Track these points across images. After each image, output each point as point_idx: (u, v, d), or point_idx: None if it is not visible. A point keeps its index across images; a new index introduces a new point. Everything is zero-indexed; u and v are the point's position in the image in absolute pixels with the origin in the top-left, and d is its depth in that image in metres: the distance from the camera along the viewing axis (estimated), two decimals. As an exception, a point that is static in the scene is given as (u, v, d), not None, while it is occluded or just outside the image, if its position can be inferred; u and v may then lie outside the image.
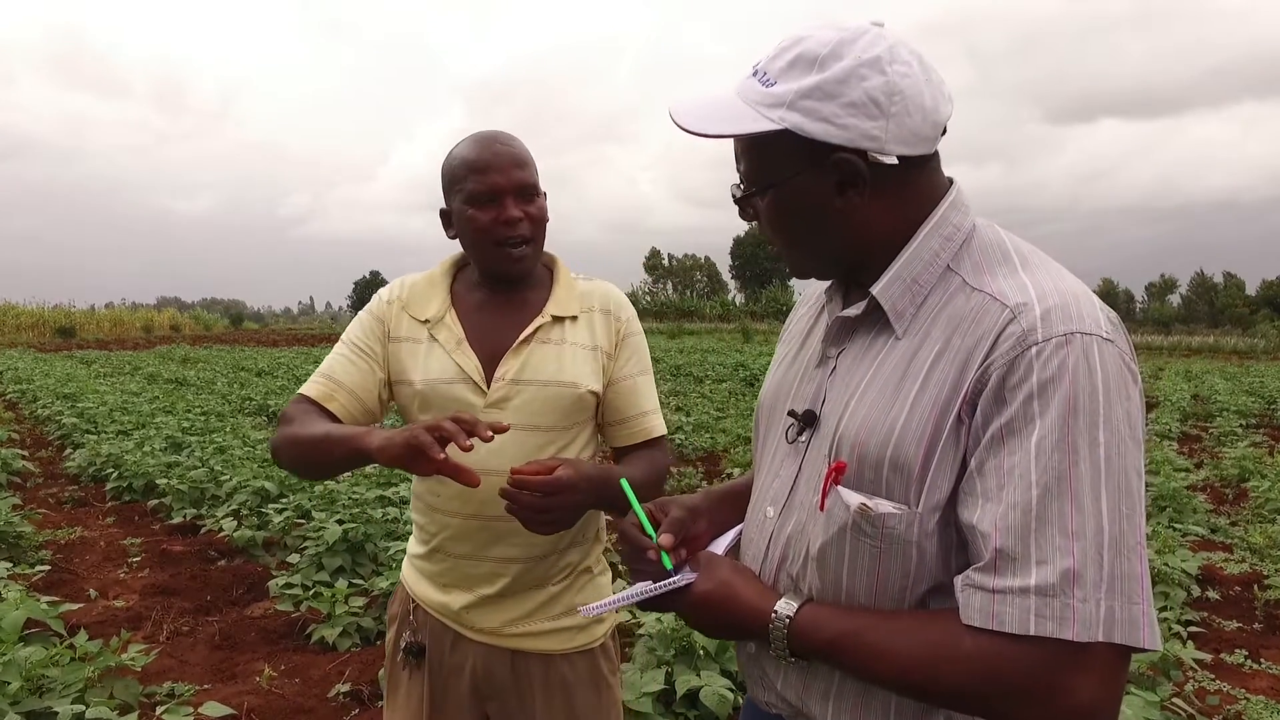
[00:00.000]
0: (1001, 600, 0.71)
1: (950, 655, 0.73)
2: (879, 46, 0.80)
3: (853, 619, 0.80)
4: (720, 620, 0.87)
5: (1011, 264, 0.82)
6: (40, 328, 33.55)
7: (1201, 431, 9.52)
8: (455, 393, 1.31)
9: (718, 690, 2.46)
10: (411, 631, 1.40)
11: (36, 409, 9.56)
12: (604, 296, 1.39)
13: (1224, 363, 24.13)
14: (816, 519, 0.85)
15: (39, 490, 5.94)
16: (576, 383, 1.31)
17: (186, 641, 3.36)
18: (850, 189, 0.82)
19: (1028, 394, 0.72)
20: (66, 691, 2.36)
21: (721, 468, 6.60)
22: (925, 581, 0.79)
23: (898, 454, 0.78)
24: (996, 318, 0.76)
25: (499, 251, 1.30)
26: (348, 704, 2.85)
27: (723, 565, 0.89)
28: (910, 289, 0.83)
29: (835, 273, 0.92)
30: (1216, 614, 3.81)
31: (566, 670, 1.37)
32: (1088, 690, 0.69)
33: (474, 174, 1.28)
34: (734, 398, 11.26)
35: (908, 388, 0.80)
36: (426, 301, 1.36)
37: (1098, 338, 0.73)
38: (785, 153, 0.82)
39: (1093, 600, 0.68)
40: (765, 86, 0.82)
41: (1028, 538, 0.70)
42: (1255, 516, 5.41)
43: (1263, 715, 2.79)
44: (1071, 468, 0.70)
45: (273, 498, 4.91)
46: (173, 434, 7.02)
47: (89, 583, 4.00)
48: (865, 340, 0.87)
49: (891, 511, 0.78)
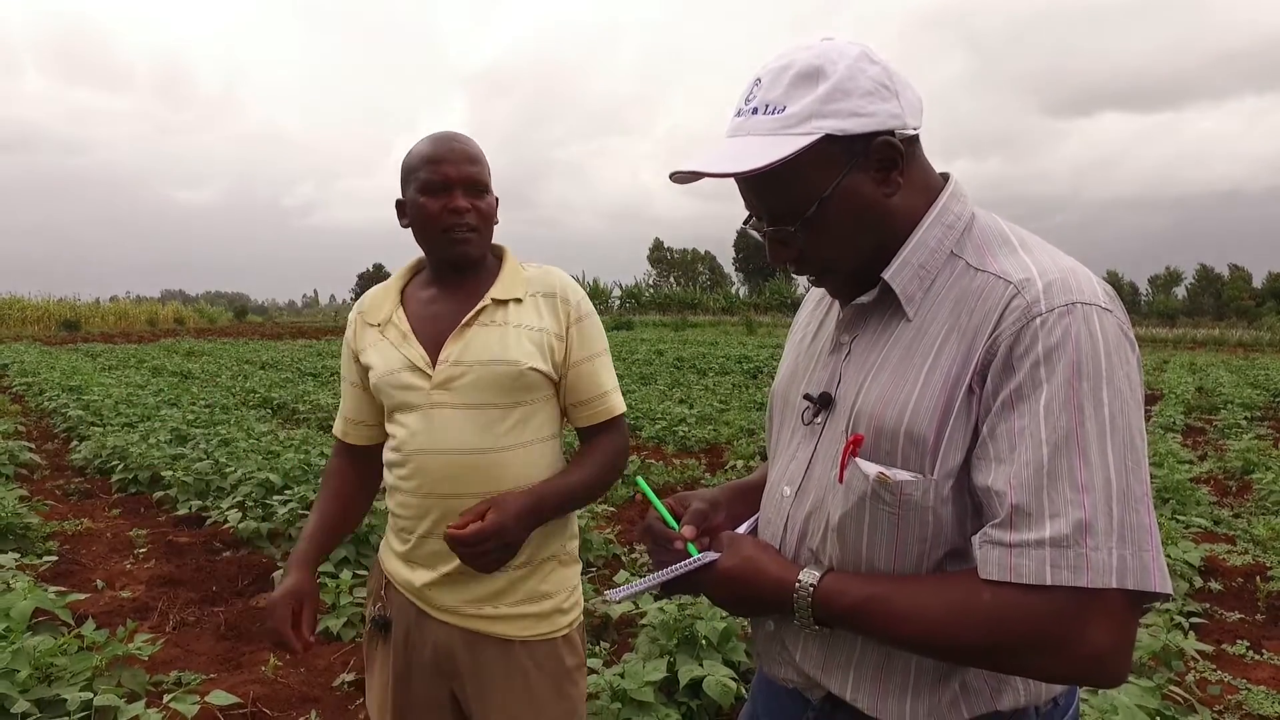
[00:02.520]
0: (1018, 553, 0.74)
1: (971, 610, 0.76)
2: (854, 47, 0.85)
3: (875, 584, 0.83)
4: (745, 594, 0.89)
5: (1011, 246, 0.86)
6: (46, 321, 33.66)
7: (1206, 424, 9.50)
8: (403, 380, 1.38)
9: (720, 679, 2.48)
10: (381, 606, 1.46)
11: (43, 402, 9.60)
12: (549, 282, 1.43)
13: (1229, 355, 24.06)
14: (835, 492, 0.88)
15: (45, 482, 5.97)
16: (519, 360, 1.35)
17: (192, 631, 3.38)
18: (893, 170, 0.85)
19: (1034, 361, 0.76)
20: (75, 680, 2.38)
21: (724, 460, 6.61)
22: (942, 547, 0.83)
23: (913, 425, 0.82)
24: (1001, 293, 0.81)
25: (445, 237, 1.37)
26: (352, 693, 2.88)
27: (746, 542, 0.93)
28: (919, 274, 0.87)
29: (872, 273, 0.90)
30: (1219, 605, 3.81)
31: (525, 657, 1.38)
32: (1102, 636, 0.73)
33: (428, 165, 1.36)
34: (737, 390, 11.27)
35: (920, 364, 0.84)
36: (379, 307, 1.46)
37: (1097, 307, 0.78)
38: (825, 163, 0.84)
39: (1104, 549, 0.72)
40: (776, 114, 0.84)
41: (1040, 493, 0.74)
42: (1259, 509, 5.40)
43: (1264, 705, 2.80)
44: (1078, 426, 0.74)
45: (277, 489, 4.93)
46: (178, 426, 7.05)
47: (96, 573, 4.03)
48: (878, 324, 0.90)
49: (908, 479, 0.82)
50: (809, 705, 0.95)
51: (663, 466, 6.17)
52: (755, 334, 29.05)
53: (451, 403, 1.35)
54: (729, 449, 7.03)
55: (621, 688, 2.40)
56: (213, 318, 43.50)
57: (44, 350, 19.21)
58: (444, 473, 1.34)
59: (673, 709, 2.48)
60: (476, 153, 1.39)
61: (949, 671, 0.85)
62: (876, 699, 0.87)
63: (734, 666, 2.65)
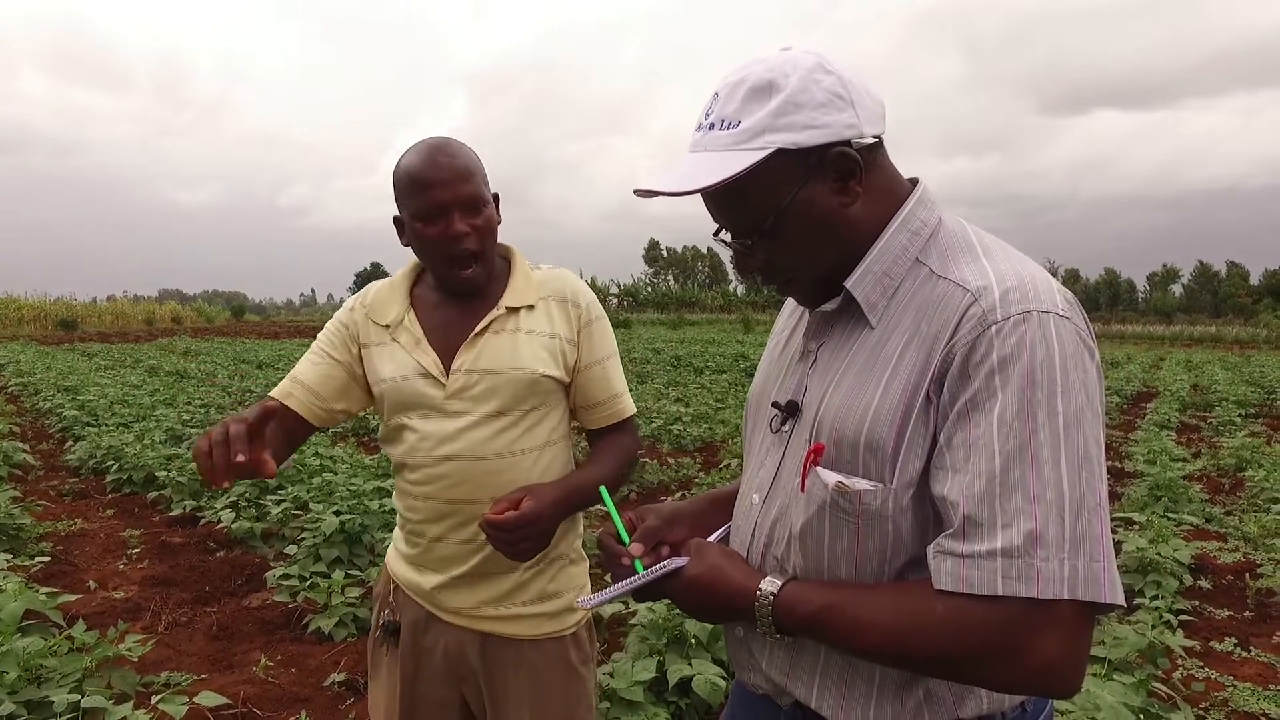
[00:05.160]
0: (970, 564, 0.74)
1: (925, 620, 0.77)
2: (809, 57, 0.85)
3: (833, 593, 0.83)
4: (709, 602, 0.90)
5: (974, 252, 0.86)
6: (42, 320, 33.62)
7: (1200, 421, 9.52)
8: (417, 388, 1.36)
9: (709, 678, 2.48)
10: (390, 611, 1.46)
11: (38, 402, 9.60)
12: (560, 285, 1.42)
13: (1225, 353, 24.10)
14: (798, 500, 0.88)
15: (39, 482, 5.98)
16: (532, 368, 1.34)
17: (184, 632, 3.39)
18: (850, 180, 0.85)
19: (989, 370, 0.76)
20: (64, 681, 2.39)
21: (719, 458, 6.62)
22: (902, 555, 0.83)
23: (872, 435, 0.82)
24: (959, 301, 0.81)
25: (449, 271, 1.34)
26: (343, 693, 2.89)
27: (712, 550, 0.93)
28: (881, 281, 0.87)
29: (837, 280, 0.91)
30: (1208, 602, 3.83)
31: (536, 656, 1.39)
32: (1053, 647, 0.72)
33: (419, 190, 1.30)
34: (733, 388, 11.28)
35: (880, 373, 0.84)
36: (387, 307, 1.42)
37: (1054, 314, 0.77)
38: (779, 176, 0.84)
39: (1056, 559, 0.72)
40: (730, 129, 0.84)
41: (993, 503, 0.74)
42: (1251, 506, 5.42)
43: (1249, 702, 2.82)
44: (1031, 436, 0.74)
45: (271, 489, 4.94)
46: (173, 426, 7.06)
47: (88, 574, 4.03)
48: (843, 332, 0.91)
49: (867, 488, 0.82)
50: (780, 711, 0.96)
51: (657, 465, 6.18)
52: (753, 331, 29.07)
53: (465, 410, 1.34)
54: (724, 447, 7.04)
55: (611, 687, 2.41)
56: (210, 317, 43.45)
57: (40, 350, 19.19)
58: (457, 478, 1.33)
59: (662, 708, 2.49)
60: (468, 164, 1.32)
61: (913, 679, 0.85)
62: (841, 706, 0.88)
63: (723, 665, 2.65)
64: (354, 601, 3.43)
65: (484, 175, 1.36)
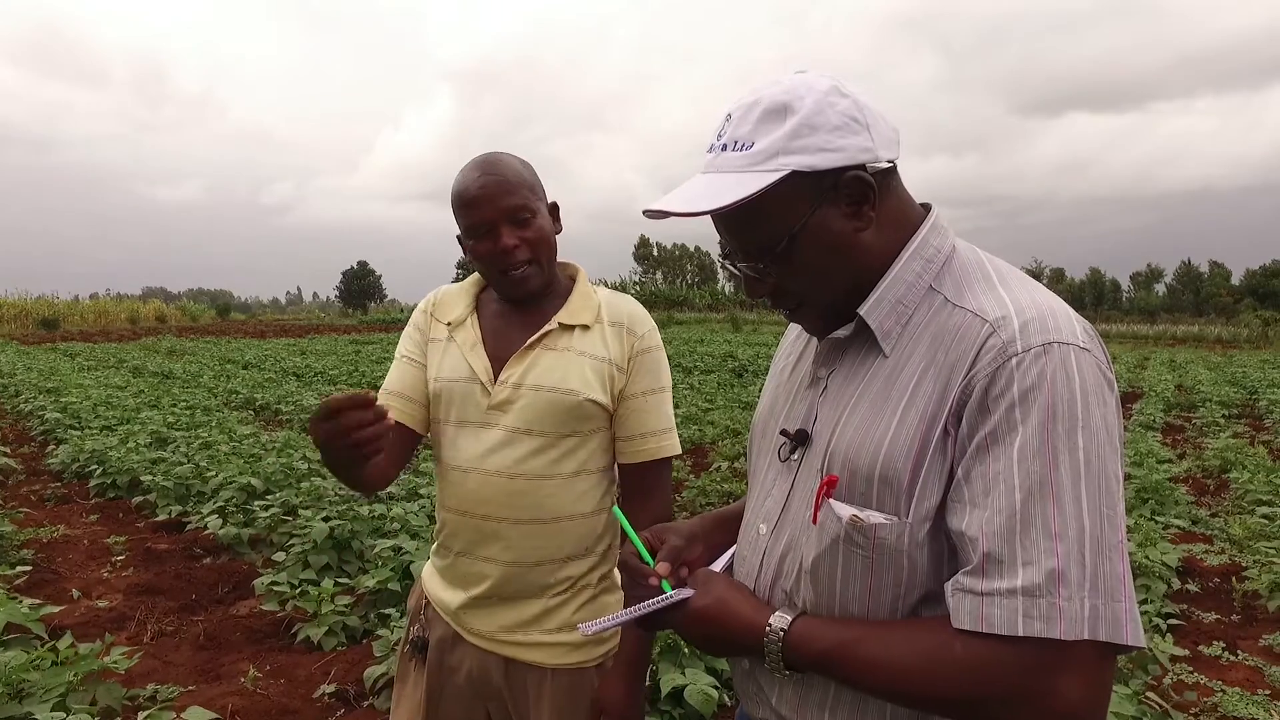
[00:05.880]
0: (990, 602, 0.72)
1: (942, 660, 0.75)
2: (824, 80, 0.84)
3: (846, 630, 0.81)
4: (717, 635, 0.88)
5: (990, 281, 0.85)
6: (23, 319, 33.18)
7: (1185, 422, 9.62)
8: (465, 391, 1.35)
9: (702, 688, 2.48)
10: (420, 626, 1.45)
11: (19, 404, 9.46)
12: (619, 310, 1.39)
13: (1208, 352, 24.37)
14: (809, 533, 0.86)
15: (21, 488, 5.88)
16: (576, 390, 1.31)
17: (171, 642, 3.34)
18: (864, 204, 0.84)
19: (1010, 403, 0.74)
20: (47, 696, 2.35)
21: (709, 460, 6.61)
22: (917, 591, 0.81)
23: (887, 467, 0.80)
24: (978, 332, 0.79)
25: (503, 278, 1.34)
26: (333, 704, 2.85)
27: (719, 581, 0.91)
28: (895, 309, 0.86)
29: (849, 307, 0.89)
30: (1196, 606, 3.86)
31: (560, 686, 1.35)
32: (1075, 690, 0.71)
33: (465, 208, 1.31)
34: (723, 389, 11.28)
35: (895, 403, 0.82)
36: (452, 306, 1.43)
37: (1075, 347, 0.76)
38: (793, 198, 0.83)
39: (1077, 599, 0.70)
40: (744, 150, 0.83)
41: (1013, 540, 0.72)
42: (1235, 508, 5.47)
43: (1238, 707, 2.84)
44: (1053, 471, 0.72)
45: (259, 494, 4.89)
46: (158, 429, 6.97)
47: (72, 582, 3.97)
48: (854, 360, 0.89)
49: (882, 522, 0.80)
50: None
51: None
52: (741, 331, 29.11)
53: (504, 424, 1.32)
54: (714, 450, 7.04)
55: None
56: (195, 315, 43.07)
57: (21, 350, 18.94)
58: (483, 494, 1.32)
59: (655, 717, 2.48)
60: (513, 177, 1.31)
61: (923, 717, 0.83)
62: None
63: (717, 675, 2.65)
64: (344, 610, 3.39)
65: (534, 186, 1.35)
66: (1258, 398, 11.56)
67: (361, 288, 62.74)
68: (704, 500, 5.29)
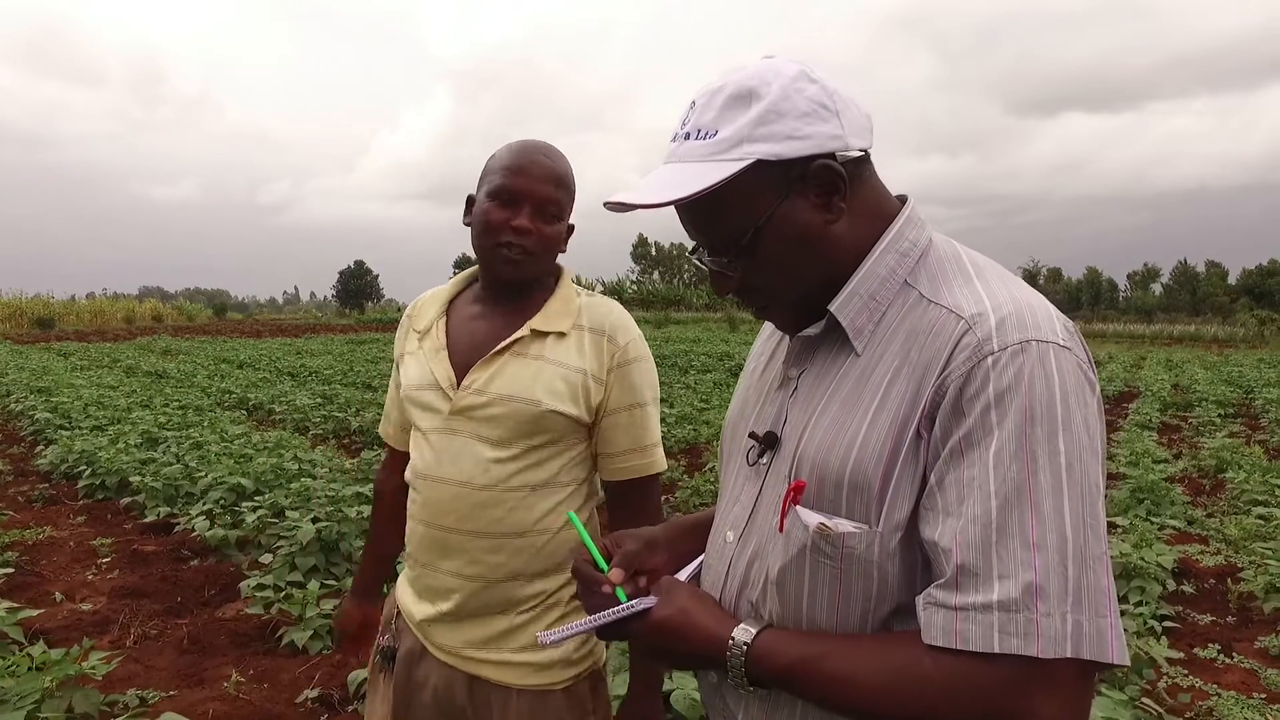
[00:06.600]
0: (964, 618, 0.68)
1: (912, 678, 0.70)
2: (792, 65, 0.80)
3: (812, 644, 0.77)
4: (678, 648, 0.83)
5: (967, 275, 0.80)
6: (18, 318, 33.09)
7: (1181, 421, 9.60)
8: (426, 399, 1.31)
9: (688, 693, 2.44)
10: (390, 636, 1.42)
11: (9, 403, 9.40)
12: (600, 317, 1.32)
13: (1204, 351, 24.39)
14: (775, 541, 0.82)
15: (8, 488, 5.83)
16: (539, 400, 1.25)
17: (154, 646, 3.30)
18: (834, 195, 0.80)
19: (985, 404, 0.70)
20: (21, 703, 2.30)
21: (703, 460, 6.58)
22: (887, 604, 0.76)
23: (857, 472, 0.76)
24: (952, 329, 0.75)
25: (496, 252, 1.28)
26: (316, 709, 2.81)
27: (682, 591, 0.86)
28: (868, 305, 0.81)
29: (820, 303, 0.85)
30: (1191, 608, 3.83)
31: (525, 707, 1.30)
32: (1053, 711, 0.66)
33: (504, 172, 1.27)
34: (719, 389, 11.24)
35: (866, 404, 0.78)
36: (425, 313, 1.40)
37: (1054, 345, 0.72)
38: (759, 189, 0.78)
39: (1057, 614, 0.66)
40: (707, 139, 0.79)
41: (988, 551, 0.68)
42: (1231, 508, 5.45)
43: (1233, 711, 2.80)
44: (1031, 477, 0.68)
45: (248, 495, 4.84)
46: (149, 429, 6.92)
47: (55, 585, 3.92)
48: (826, 359, 0.85)
49: (851, 531, 0.75)
50: None
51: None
52: (738, 331, 29.08)
53: (467, 432, 1.27)
54: (708, 450, 7.00)
55: (589, 703, 2.36)
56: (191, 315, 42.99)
57: (14, 349, 18.86)
58: (447, 505, 1.27)
59: (642, 724, 2.44)
60: (561, 174, 1.28)
61: None
62: None
63: (705, 679, 2.61)
64: (329, 613, 3.34)
65: (571, 194, 1.32)
66: (1254, 397, 11.54)
67: (358, 287, 62.64)
68: (698, 500, 5.25)
